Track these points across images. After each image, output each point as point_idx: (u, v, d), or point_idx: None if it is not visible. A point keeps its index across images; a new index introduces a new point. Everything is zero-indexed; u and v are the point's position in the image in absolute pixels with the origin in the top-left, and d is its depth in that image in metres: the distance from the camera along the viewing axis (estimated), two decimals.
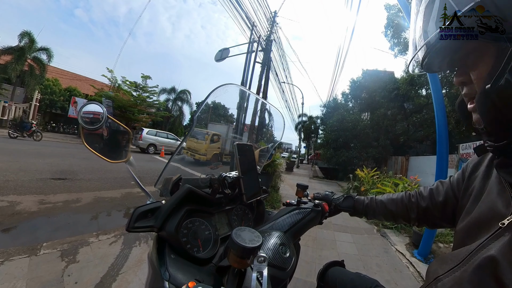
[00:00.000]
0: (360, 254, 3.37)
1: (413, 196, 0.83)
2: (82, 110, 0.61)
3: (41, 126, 20.44)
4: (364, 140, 15.47)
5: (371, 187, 8.24)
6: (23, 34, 17.03)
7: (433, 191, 0.77)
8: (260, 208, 0.97)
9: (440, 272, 0.52)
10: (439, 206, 0.73)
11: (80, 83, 23.98)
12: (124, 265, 2.26)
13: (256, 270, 0.45)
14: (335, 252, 3.33)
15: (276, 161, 6.48)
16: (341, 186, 12.13)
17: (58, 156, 8.19)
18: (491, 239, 0.44)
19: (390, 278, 2.68)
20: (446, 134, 3.22)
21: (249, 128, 8.71)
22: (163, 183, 0.80)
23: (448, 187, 0.73)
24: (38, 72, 17.70)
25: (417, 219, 0.81)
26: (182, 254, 0.60)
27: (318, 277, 1.00)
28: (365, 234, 4.30)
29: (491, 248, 0.42)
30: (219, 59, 9.52)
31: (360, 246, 3.66)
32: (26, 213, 3.21)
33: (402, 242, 3.97)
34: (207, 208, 0.77)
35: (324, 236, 3.88)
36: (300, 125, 30.16)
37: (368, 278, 0.90)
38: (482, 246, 0.44)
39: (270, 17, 10.12)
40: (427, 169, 11.62)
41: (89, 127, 0.61)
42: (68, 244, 2.47)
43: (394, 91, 15.75)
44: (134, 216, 0.58)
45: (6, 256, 2.11)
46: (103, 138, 0.68)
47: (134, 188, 5.15)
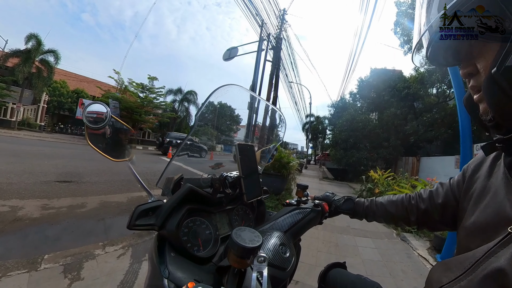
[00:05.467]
0: (384, 260, 3.24)
1: (413, 198, 0.82)
2: (86, 110, 0.62)
3: (49, 127, 20.58)
4: (375, 140, 15.17)
5: (386, 189, 7.91)
6: (30, 36, 17.12)
7: (432, 193, 0.75)
8: (260, 208, 0.97)
9: (444, 280, 0.49)
10: (438, 209, 0.72)
11: (88, 85, 24.13)
12: (134, 283, 1.98)
13: (256, 270, 0.44)
14: (359, 259, 3.18)
15: (291, 163, 6.26)
16: (352, 188, 11.78)
17: (64, 158, 8.00)
18: (500, 246, 0.40)
19: (417, 284, 2.56)
20: (469, 132, 3.09)
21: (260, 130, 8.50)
22: (165, 182, 0.79)
23: (448, 189, 0.71)
24: (46, 74, 17.78)
25: (416, 221, 0.79)
26: (182, 253, 0.60)
27: (319, 278, 0.98)
28: (385, 239, 4.15)
29: (500, 257, 0.38)
30: (228, 58, 9.26)
31: (382, 252, 3.53)
32: (28, 220, 2.99)
33: (423, 246, 3.85)
34: (208, 208, 0.77)
35: (345, 242, 3.73)
36: (307, 125, 29.91)
37: (369, 281, 0.88)
38: (489, 254, 0.41)
39: (279, 15, 9.86)
40: (439, 169, 11.33)
41: (93, 126, 0.62)
42: (72, 257, 2.21)
43: (404, 90, 15.35)
44: (135, 214, 0.58)
45: (4, 270, 1.88)
46: (106, 137, 0.69)
47: (142, 192, 4.87)
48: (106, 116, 0.62)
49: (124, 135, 0.77)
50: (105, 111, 0.63)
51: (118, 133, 0.73)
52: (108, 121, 0.62)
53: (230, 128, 31.26)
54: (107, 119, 0.62)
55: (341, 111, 19.10)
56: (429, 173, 11.18)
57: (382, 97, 16.81)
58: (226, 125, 27.72)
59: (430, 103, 15.50)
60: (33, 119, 19.16)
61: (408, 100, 15.81)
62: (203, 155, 1.29)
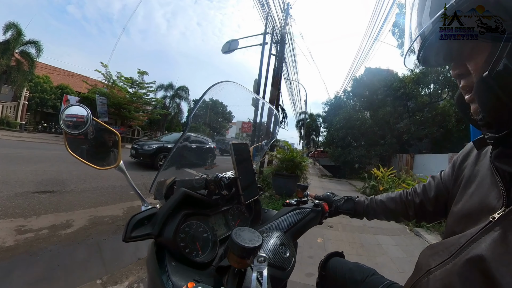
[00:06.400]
0: (409, 256, 3.29)
1: (409, 193, 0.86)
2: (64, 113, 0.58)
3: (31, 126, 19.22)
4: (371, 138, 15.63)
5: (390, 186, 7.84)
6: (9, 25, 15.77)
7: (425, 187, 0.79)
8: (257, 207, 0.97)
9: (432, 263, 0.52)
10: (432, 201, 0.75)
11: (73, 80, 22.70)
12: None
13: (256, 270, 0.44)
14: (387, 257, 3.21)
15: (304, 163, 5.91)
16: (353, 185, 11.72)
17: (45, 161, 6.88)
18: (482, 233, 0.44)
19: None
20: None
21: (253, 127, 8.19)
22: (157, 186, 0.77)
23: (439, 181, 0.74)
24: (27, 67, 16.48)
25: (415, 215, 0.83)
26: (182, 260, 0.58)
27: (320, 267, 1.01)
28: (401, 235, 4.25)
29: (481, 243, 0.43)
30: (227, 51, 8.71)
31: (404, 248, 3.62)
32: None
33: (436, 239, 3.92)
34: (204, 210, 0.75)
35: (368, 241, 3.75)
36: (301, 123, 29.91)
37: (366, 267, 0.92)
38: (472, 240, 0.45)
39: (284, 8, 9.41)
40: (433, 167, 11.64)
41: (72, 132, 0.58)
42: None
43: (400, 89, 15.90)
44: (130, 225, 0.55)
45: None
46: (89, 143, 0.66)
47: (137, 201, 4.24)
48: (87, 119, 0.58)
49: (109, 139, 0.71)
50: (85, 113, 0.58)
51: (102, 137, 0.69)
52: (89, 124, 0.58)
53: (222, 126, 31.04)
54: (88, 123, 0.58)
55: (336, 109, 19.53)
56: (423, 170, 11.61)
57: (376, 95, 17.37)
58: (219, 123, 27.15)
59: (422, 103, 16.16)
60: (12, 117, 17.59)
61: (403, 99, 16.43)
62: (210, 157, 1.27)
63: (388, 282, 0.83)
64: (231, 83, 0.90)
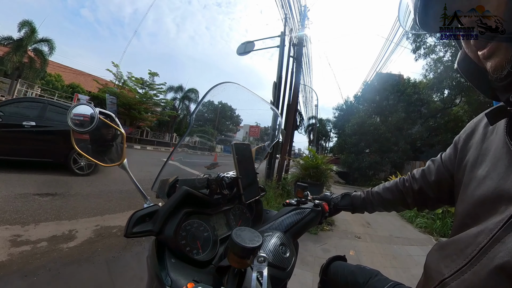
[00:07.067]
0: None
1: (407, 180, 0.80)
2: (71, 112, 0.58)
3: None
4: (385, 144, 15.42)
5: None
6: (23, 23, 15.86)
7: (425, 172, 0.73)
8: (258, 208, 0.97)
9: (445, 272, 0.44)
10: (433, 186, 0.70)
11: (84, 79, 22.83)
12: None
13: (256, 270, 0.44)
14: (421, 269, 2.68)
15: (330, 172, 5.50)
16: None
17: None
18: (504, 230, 0.35)
19: None
20: None
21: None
22: (160, 185, 0.76)
23: (440, 164, 0.68)
24: (39, 65, 16.52)
25: (414, 203, 0.78)
26: (182, 257, 0.57)
27: (321, 271, 0.99)
28: (428, 245, 4.10)
29: (508, 243, 0.34)
30: (242, 52, 8.38)
31: None
32: None
33: None
34: (205, 210, 0.74)
35: (399, 252, 3.64)
36: (310, 128, 29.51)
37: (368, 269, 0.89)
38: (494, 240, 0.36)
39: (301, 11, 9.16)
40: None
41: (79, 130, 0.59)
42: None
43: (414, 95, 15.74)
44: (131, 221, 0.55)
45: None
46: (95, 141, 0.66)
47: None
48: (94, 117, 0.58)
49: (115, 138, 0.69)
50: (92, 112, 0.59)
51: (108, 135, 0.68)
52: (96, 123, 0.58)
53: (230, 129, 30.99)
54: (95, 122, 0.58)
55: (347, 115, 19.37)
56: None
57: (388, 101, 17.14)
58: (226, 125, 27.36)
59: (435, 109, 15.95)
60: None
61: (416, 105, 16.20)
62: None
63: (393, 283, 0.78)
64: (232, 84, 0.88)
